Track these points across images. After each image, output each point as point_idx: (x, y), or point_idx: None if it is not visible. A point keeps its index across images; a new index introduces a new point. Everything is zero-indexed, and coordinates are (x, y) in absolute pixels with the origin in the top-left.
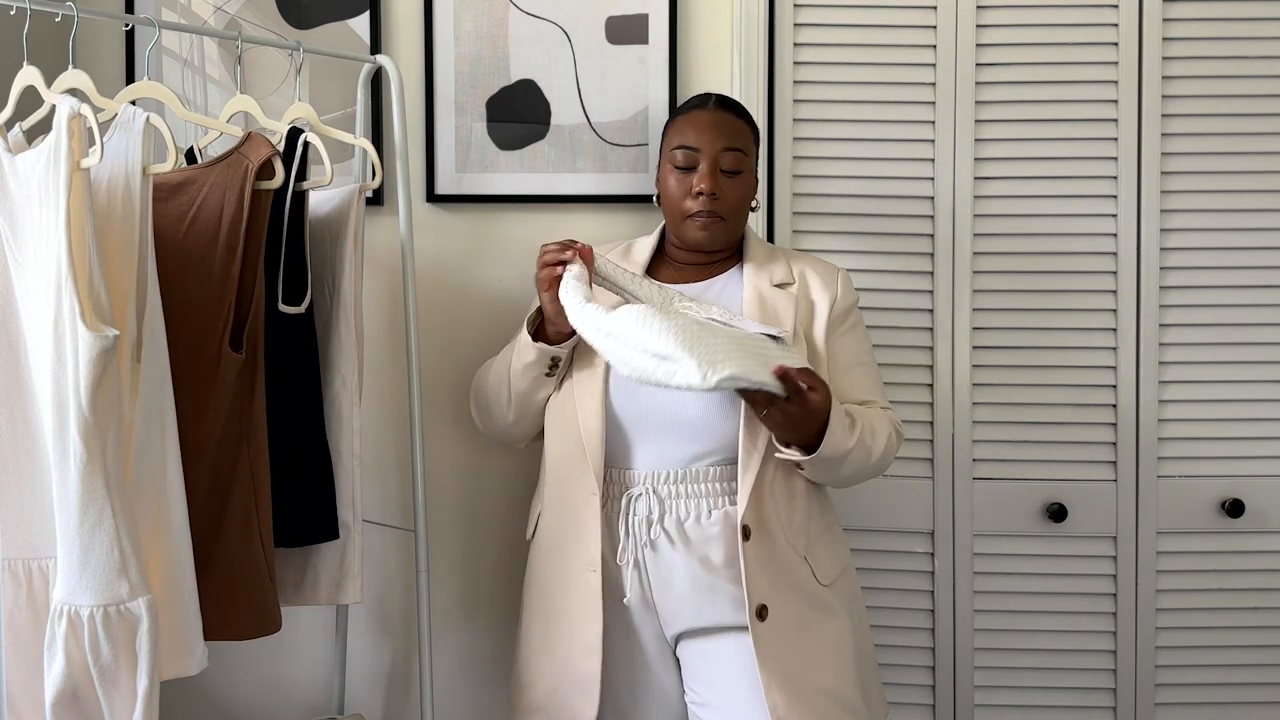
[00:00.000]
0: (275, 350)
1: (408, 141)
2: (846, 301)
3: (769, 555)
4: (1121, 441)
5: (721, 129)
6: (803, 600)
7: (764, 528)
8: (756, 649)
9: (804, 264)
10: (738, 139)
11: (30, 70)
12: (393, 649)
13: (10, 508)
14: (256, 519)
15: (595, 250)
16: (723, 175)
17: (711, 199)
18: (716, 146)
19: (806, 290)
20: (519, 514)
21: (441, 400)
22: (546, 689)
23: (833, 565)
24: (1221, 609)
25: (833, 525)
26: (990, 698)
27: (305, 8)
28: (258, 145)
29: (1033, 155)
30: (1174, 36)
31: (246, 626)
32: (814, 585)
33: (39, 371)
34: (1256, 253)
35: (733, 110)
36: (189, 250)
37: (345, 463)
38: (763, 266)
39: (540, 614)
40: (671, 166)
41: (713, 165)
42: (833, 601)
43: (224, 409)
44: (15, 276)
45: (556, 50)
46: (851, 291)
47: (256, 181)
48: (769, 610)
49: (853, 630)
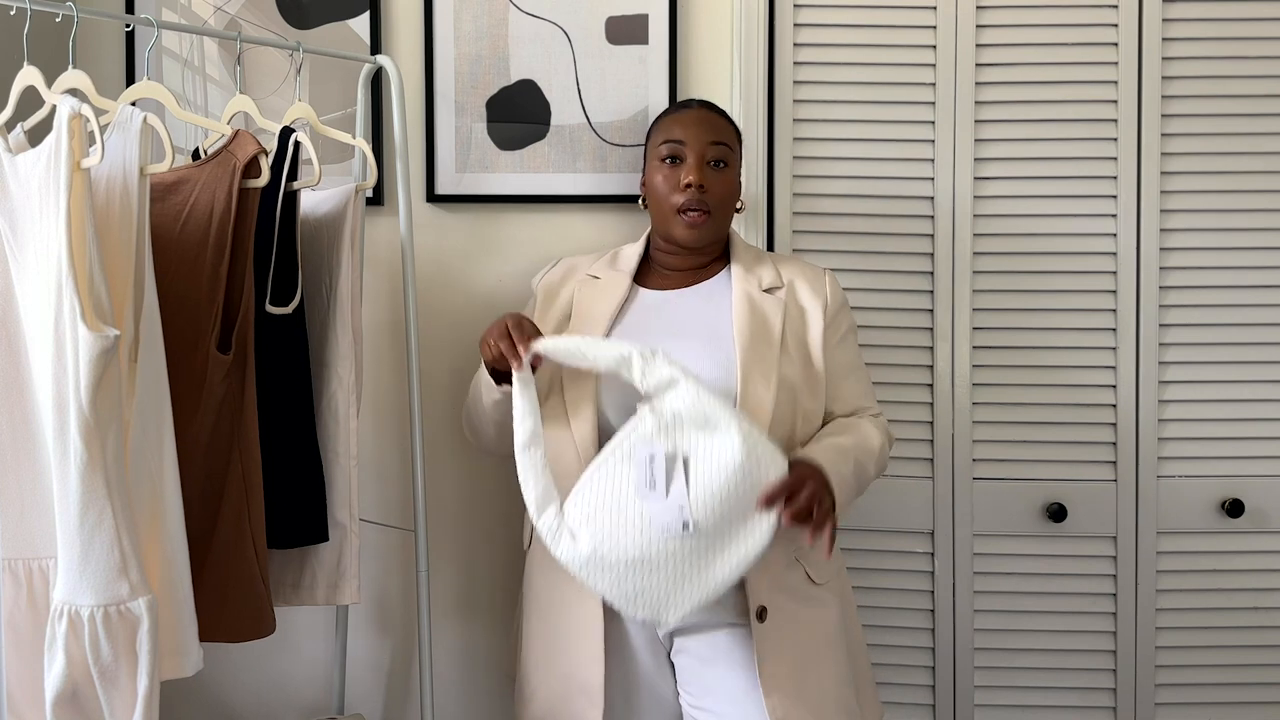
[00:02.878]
0: (264, 351)
1: (408, 141)
2: (836, 303)
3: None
4: (1121, 441)
5: (707, 125)
6: (799, 601)
7: None
8: (757, 650)
9: (789, 267)
10: (724, 135)
11: (30, 70)
12: (392, 649)
13: (10, 507)
14: (249, 521)
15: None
16: (709, 169)
17: (700, 190)
18: (703, 140)
19: (795, 296)
20: (518, 514)
21: (441, 400)
22: (551, 699)
23: (827, 567)
24: (1221, 609)
25: None
26: (990, 698)
27: (305, 8)
28: (244, 143)
29: (1033, 156)
30: (1174, 37)
31: (240, 629)
32: (808, 586)
33: (39, 371)
34: (1256, 253)
35: (717, 111)
36: (183, 249)
37: (342, 463)
38: (750, 270)
39: (540, 624)
40: (658, 162)
41: (700, 158)
42: (828, 601)
43: (213, 410)
44: (15, 276)
45: (556, 50)
46: (840, 292)
47: (243, 180)
48: (768, 611)
49: (846, 631)
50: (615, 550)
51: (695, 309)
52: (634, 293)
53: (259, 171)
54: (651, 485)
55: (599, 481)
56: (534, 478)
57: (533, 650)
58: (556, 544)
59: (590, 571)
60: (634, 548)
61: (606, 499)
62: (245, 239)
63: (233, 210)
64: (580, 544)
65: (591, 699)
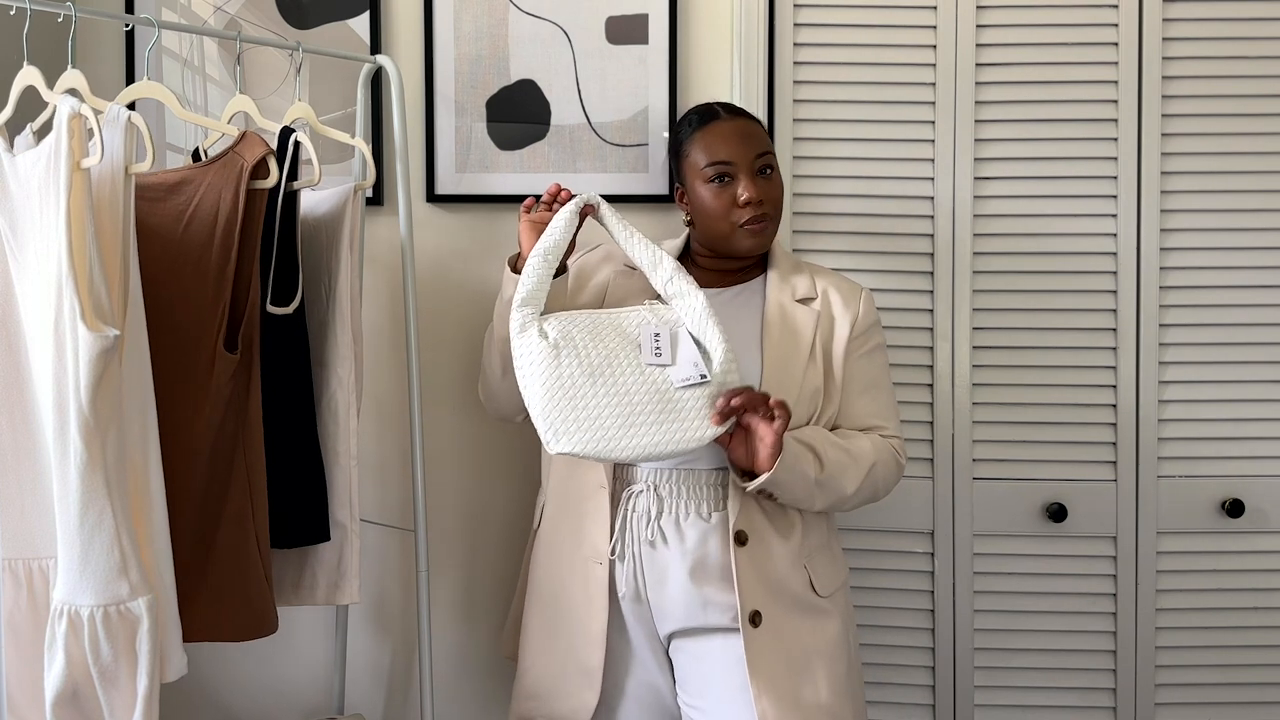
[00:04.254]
0: (265, 351)
1: (407, 141)
2: (867, 321)
3: (764, 562)
4: (1121, 441)
5: (748, 137)
6: (798, 609)
7: (759, 535)
8: (748, 655)
9: (827, 280)
10: (764, 142)
11: (30, 70)
12: (392, 649)
13: (10, 507)
14: (253, 520)
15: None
16: (761, 179)
17: (759, 205)
18: (750, 154)
19: (829, 308)
20: (518, 514)
21: (441, 400)
22: (548, 676)
23: (832, 579)
24: (1221, 609)
25: (833, 542)
26: (990, 698)
27: (305, 8)
28: (252, 144)
29: (1033, 156)
30: (1174, 36)
31: (243, 628)
32: (811, 595)
33: (39, 371)
34: (1256, 253)
35: (745, 115)
36: (186, 250)
37: (342, 463)
38: (786, 279)
39: (542, 603)
40: (704, 183)
41: (751, 174)
42: (829, 611)
43: (219, 410)
44: (15, 276)
45: (556, 50)
46: (873, 311)
47: (251, 181)
48: (762, 617)
49: (847, 646)
50: (584, 359)
51: (728, 311)
52: None
53: (268, 173)
54: (656, 354)
55: (587, 321)
56: (534, 278)
57: (531, 628)
58: (523, 333)
59: (542, 366)
60: (605, 364)
61: (589, 321)
62: (253, 240)
63: (240, 211)
64: (548, 339)
65: (590, 680)
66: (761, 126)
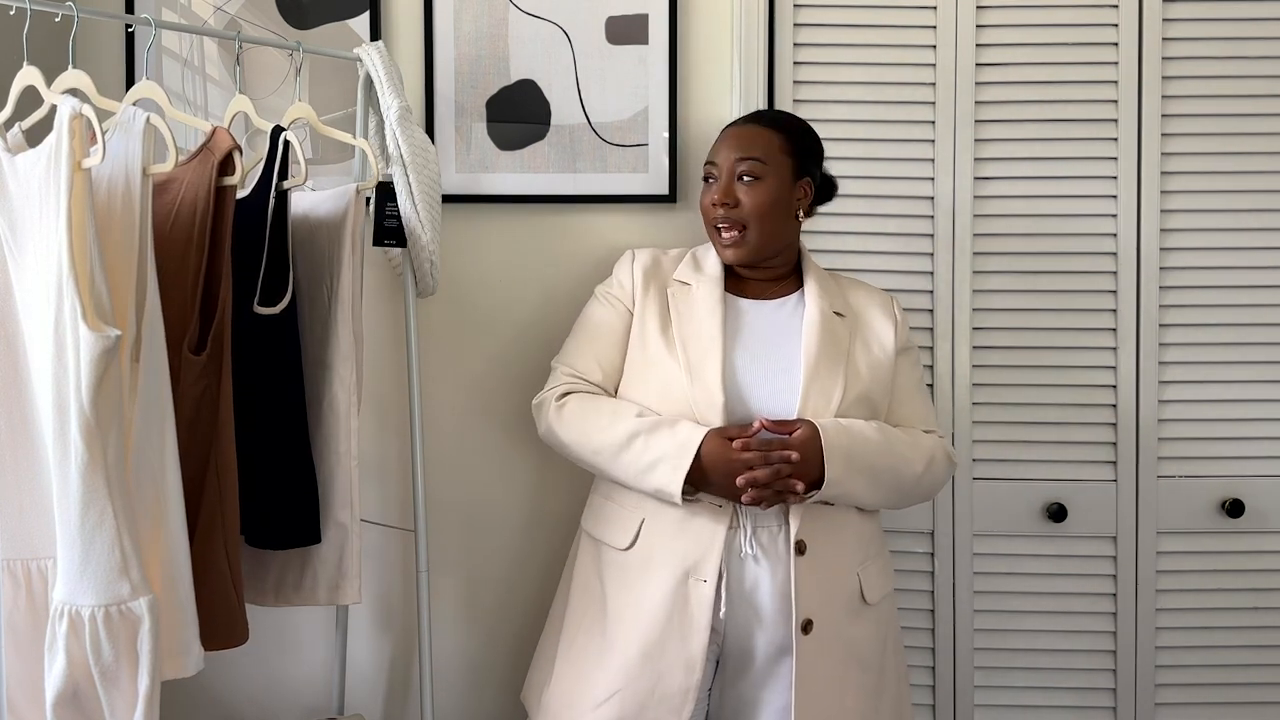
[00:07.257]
0: (252, 352)
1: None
2: (906, 328)
3: (822, 571)
4: (1121, 441)
5: (740, 140)
6: (847, 617)
7: (817, 544)
8: (797, 663)
9: (856, 291)
10: (755, 149)
11: (30, 70)
12: (393, 649)
13: (10, 508)
14: (222, 528)
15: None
16: (739, 183)
17: (726, 207)
18: (732, 158)
19: (867, 318)
20: (519, 514)
21: (442, 400)
22: (632, 705)
23: (880, 587)
24: (1221, 609)
25: (884, 551)
26: (990, 698)
27: (305, 8)
28: (220, 140)
29: (1033, 155)
30: (1174, 36)
31: (210, 638)
32: (859, 602)
33: (39, 371)
34: (1256, 253)
35: (760, 121)
36: (171, 248)
37: (343, 463)
38: (823, 292)
39: (624, 625)
40: (701, 184)
41: (730, 177)
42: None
43: (186, 414)
44: (15, 276)
45: (556, 50)
46: (905, 315)
47: (219, 178)
48: (814, 624)
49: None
50: None
51: (776, 321)
52: (727, 300)
53: (234, 169)
54: None
55: None
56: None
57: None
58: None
59: None
60: None
61: None
62: (223, 237)
63: (211, 208)
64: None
65: (677, 704)
66: (779, 133)
